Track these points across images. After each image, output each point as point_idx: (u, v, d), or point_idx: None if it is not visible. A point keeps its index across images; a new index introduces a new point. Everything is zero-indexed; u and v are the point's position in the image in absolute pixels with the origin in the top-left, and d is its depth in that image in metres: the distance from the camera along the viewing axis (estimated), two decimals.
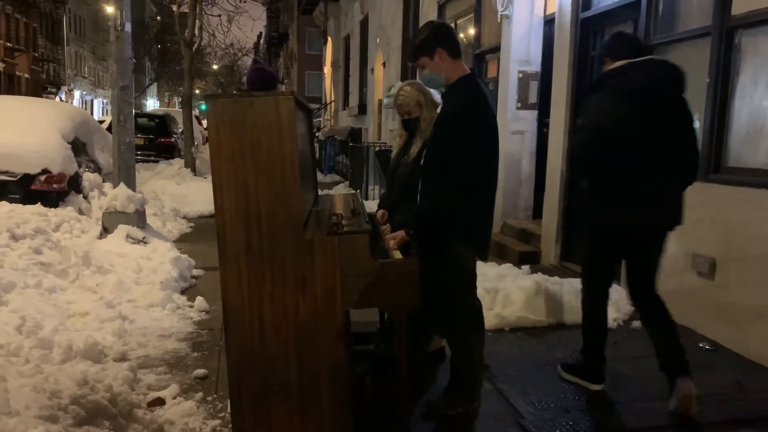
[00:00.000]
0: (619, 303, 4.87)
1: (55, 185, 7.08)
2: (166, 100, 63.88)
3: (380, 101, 14.07)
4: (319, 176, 15.05)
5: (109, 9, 6.59)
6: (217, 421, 3.14)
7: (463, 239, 3.05)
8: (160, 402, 3.07)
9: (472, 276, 3.22)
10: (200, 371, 3.77)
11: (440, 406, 3.25)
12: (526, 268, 5.85)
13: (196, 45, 14.15)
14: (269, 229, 2.44)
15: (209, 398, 3.42)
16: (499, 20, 7.71)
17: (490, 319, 4.63)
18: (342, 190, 12.16)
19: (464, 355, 3.24)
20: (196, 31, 13.71)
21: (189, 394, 3.43)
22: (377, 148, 11.35)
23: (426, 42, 2.99)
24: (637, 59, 3.29)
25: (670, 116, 3.22)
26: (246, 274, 2.46)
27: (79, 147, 8.02)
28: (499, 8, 7.52)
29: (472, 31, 8.99)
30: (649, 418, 3.31)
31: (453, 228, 3.01)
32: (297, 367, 2.51)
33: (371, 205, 4.62)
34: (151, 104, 61.56)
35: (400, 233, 2.98)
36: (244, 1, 18.83)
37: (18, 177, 6.90)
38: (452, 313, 3.17)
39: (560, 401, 3.49)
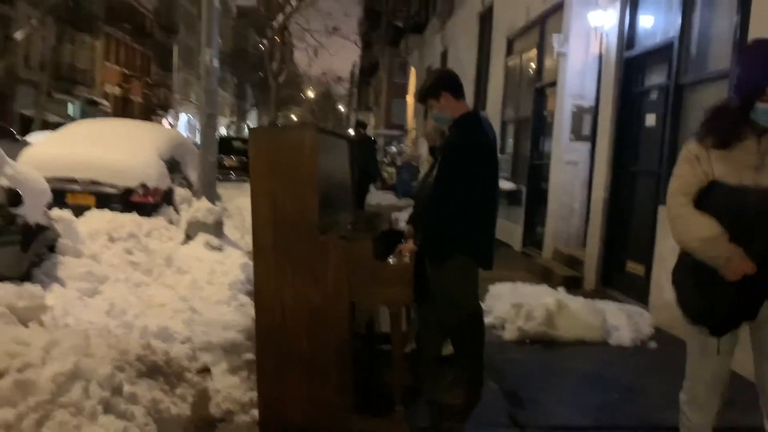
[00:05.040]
0: (639, 323, 5.17)
1: (150, 198, 8.05)
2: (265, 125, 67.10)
3: None
4: (393, 199, 15.68)
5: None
6: (256, 393, 3.77)
7: (465, 250, 3.57)
8: (206, 370, 3.76)
9: (474, 283, 3.71)
10: (249, 355, 4.42)
11: (442, 396, 3.74)
12: (561, 289, 6.20)
13: (283, 77, 15.28)
14: (292, 231, 3.07)
15: (253, 377, 4.06)
16: (555, 57, 8.15)
17: (512, 332, 5.08)
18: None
19: (464, 353, 3.73)
20: (280, 61, 14.78)
21: (236, 372, 4.09)
22: None
23: (433, 87, 3.58)
24: None
25: None
26: (272, 266, 3.10)
27: (174, 165, 9.04)
28: (556, 46, 7.97)
29: (535, 66, 9.45)
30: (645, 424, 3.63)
31: (455, 241, 3.53)
32: (309, 343, 3.12)
33: None
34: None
35: (409, 244, 3.53)
36: (332, 34, 20.00)
37: (121, 190, 7.92)
38: (454, 315, 3.67)
39: (558, 405, 3.89)
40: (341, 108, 61.95)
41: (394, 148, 26.90)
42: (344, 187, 4.04)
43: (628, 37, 6.40)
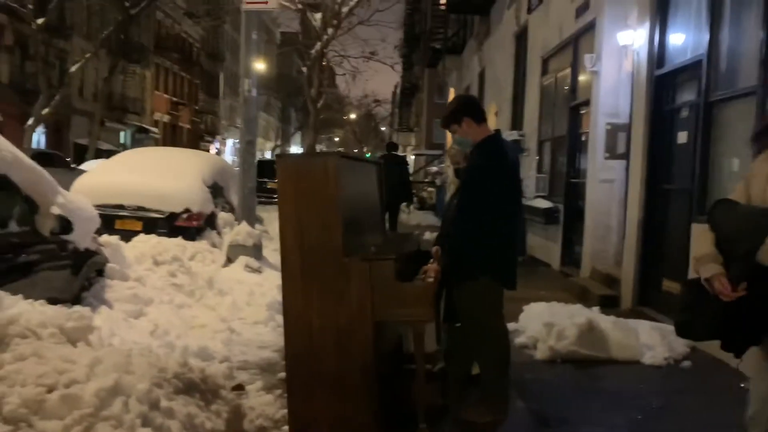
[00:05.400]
0: (673, 342, 5.13)
1: (194, 222, 8.35)
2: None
3: None
4: (432, 219, 15.76)
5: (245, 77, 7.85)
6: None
7: (487, 271, 3.66)
8: (241, 387, 3.93)
9: (497, 303, 3.79)
10: (284, 374, 4.58)
11: (469, 414, 3.81)
12: (596, 309, 6.18)
13: (321, 102, 15.68)
14: (317, 254, 3.23)
15: (286, 395, 4.21)
16: (589, 76, 8.18)
17: (543, 351, 5.11)
18: None
19: (489, 371, 3.80)
20: (319, 87, 15.17)
21: (271, 390, 4.25)
22: None
23: (455, 113, 3.72)
24: None
25: None
26: (300, 288, 3.26)
27: (217, 190, 9.35)
28: (588, 65, 8.02)
29: (569, 85, 9.48)
30: None
31: (478, 262, 3.63)
32: (336, 363, 3.25)
33: None
34: (295, 151, 66.02)
35: (434, 265, 3.64)
36: (368, 59, 20.45)
37: (166, 215, 8.24)
38: (478, 334, 3.76)
39: (586, 425, 3.90)
40: (383, 129, 62.54)
41: (435, 168, 27.03)
42: (372, 210, 4.18)
43: (658, 55, 6.42)
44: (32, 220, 4.63)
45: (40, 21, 20.77)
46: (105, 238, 6.03)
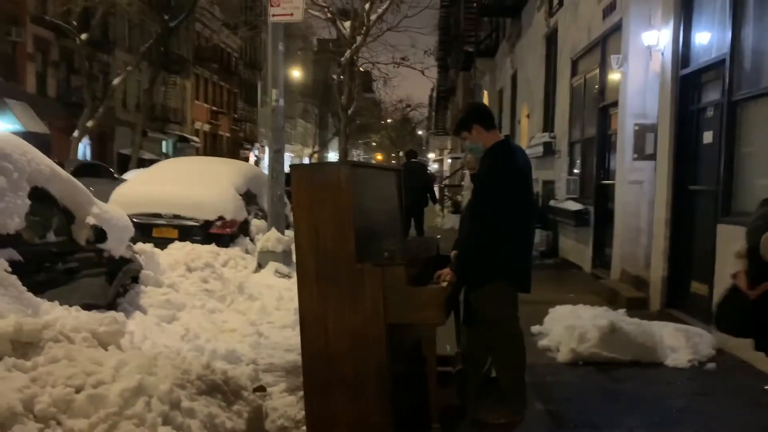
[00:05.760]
0: (698, 345, 5.09)
1: (227, 229, 8.59)
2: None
3: None
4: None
5: (274, 91, 8.05)
6: None
7: (499, 276, 3.73)
8: (262, 389, 4.07)
9: (511, 306, 3.85)
10: None
11: (485, 415, 3.88)
12: (622, 311, 6.15)
13: (351, 108, 15.87)
14: (331, 260, 3.34)
15: (304, 397, 4.34)
16: (616, 76, 8.13)
17: (565, 354, 5.12)
18: None
19: (505, 373, 3.86)
20: (350, 93, 15.35)
21: (294, 392, 4.38)
22: None
23: (464, 120, 3.81)
24: None
25: None
26: (315, 293, 3.38)
27: (250, 198, 9.59)
28: (614, 66, 7.97)
29: (597, 86, 9.42)
30: None
31: (489, 267, 3.70)
32: (351, 365, 3.36)
33: None
34: (332, 157, 66.49)
35: (445, 270, 3.73)
36: (398, 65, 20.60)
37: (200, 223, 8.49)
38: (493, 337, 3.83)
39: (604, 427, 3.91)
40: (420, 132, 62.62)
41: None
42: (390, 216, 4.28)
43: (682, 55, 6.37)
44: (69, 230, 4.88)
45: (84, 36, 21.56)
46: (140, 245, 6.27)
